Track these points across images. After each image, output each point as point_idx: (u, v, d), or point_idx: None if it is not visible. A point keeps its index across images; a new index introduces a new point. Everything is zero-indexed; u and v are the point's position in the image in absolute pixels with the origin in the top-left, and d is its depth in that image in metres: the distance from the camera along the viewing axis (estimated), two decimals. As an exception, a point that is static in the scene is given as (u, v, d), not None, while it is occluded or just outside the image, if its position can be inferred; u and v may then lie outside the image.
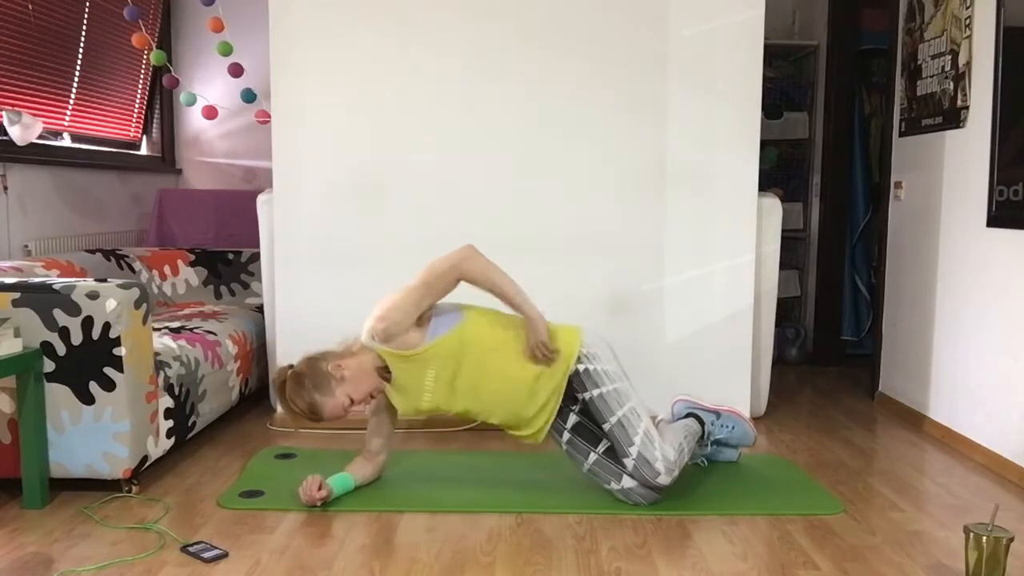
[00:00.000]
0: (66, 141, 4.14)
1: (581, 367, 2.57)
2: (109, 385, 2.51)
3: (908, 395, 3.74)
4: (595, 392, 2.56)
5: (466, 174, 3.43)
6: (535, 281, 3.44)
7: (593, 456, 2.60)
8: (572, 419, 2.65)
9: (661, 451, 2.54)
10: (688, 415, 2.94)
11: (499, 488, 2.74)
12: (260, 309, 3.84)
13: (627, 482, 2.56)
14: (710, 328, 3.48)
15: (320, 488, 2.53)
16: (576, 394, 2.61)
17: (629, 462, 2.53)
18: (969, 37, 3.22)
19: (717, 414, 2.97)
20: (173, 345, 2.97)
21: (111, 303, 2.49)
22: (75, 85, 4.12)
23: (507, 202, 3.43)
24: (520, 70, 3.39)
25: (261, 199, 3.57)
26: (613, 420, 2.54)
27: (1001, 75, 2.99)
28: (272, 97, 3.43)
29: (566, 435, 2.64)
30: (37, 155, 3.74)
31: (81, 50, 4.12)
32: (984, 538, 2.02)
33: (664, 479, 2.53)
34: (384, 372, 2.56)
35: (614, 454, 2.58)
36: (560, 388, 2.57)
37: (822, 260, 4.92)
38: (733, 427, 2.97)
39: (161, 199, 4.58)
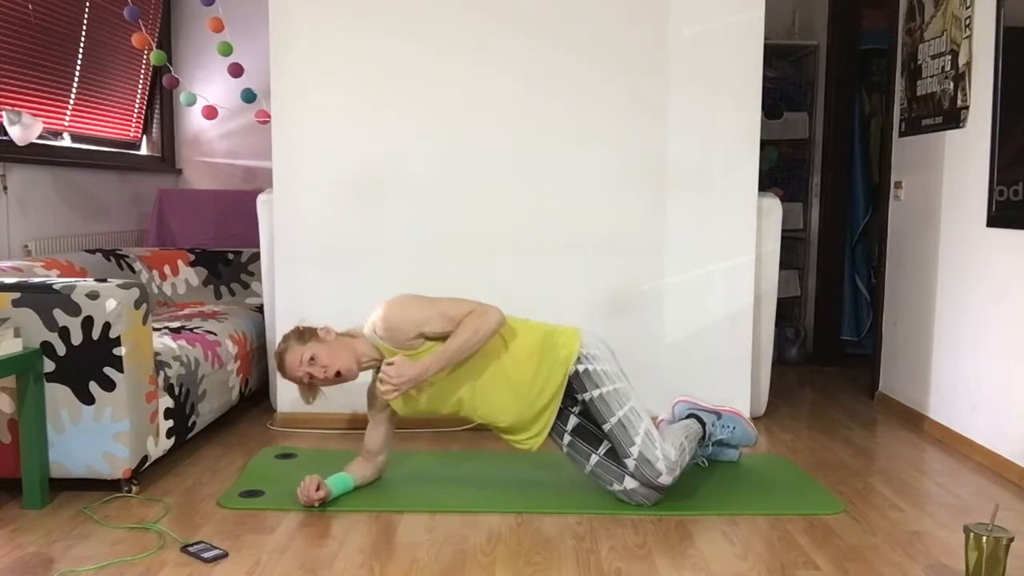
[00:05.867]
0: (66, 141, 4.14)
1: (581, 367, 2.57)
2: (109, 385, 2.51)
3: (908, 395, 3.74)
4: (595, 393, 2.56)
5: (466, 174, 3.43)
6: (535, 281, 3.46)
7: (594, 458, 2.60)
8: (572, 421, 2.65)
9: (662, 451, 2.53)
10: (689, 416, 2.94)
11: (499, 488, 2.74)
12: (260, 309, 3.84)
13: (629, 483, 2.56)
14: (710, 328, 3.48)
15: (318, 488, 2.53)
16: (576, 395, 2.60)
17: (630, 462, 2.53)
18: (969, 37, 3.22)
19: (718, 415, 2.97)
20: (173, 345, 2.96)
21: (111, 303, 2.49)
22: (75, 85, 4.12)
23: (507, 202, 3.43)
24: (520, 70, 3.38)
25: (261, 199, 3.57)
26: (613, 420, 2.54)
27: (1001, 75, 2.99)
28: (272, 97, 3.42)
29: (567, 437, 2.64)
30: (37, 155, 3.74)
31: (81, 50, 4.12)
32: (984, 538, 2.02)
33: (666, 479, 2.53)
34: (378, 370, 2.56)
35: (615, 455, 2.58)
36: (560, 390, 2.57)
37: (822, 260, 4.92)
38: (734, 428, 2.97)
39: (161, 199, 4.58)
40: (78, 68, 4.11)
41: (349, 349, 2.50)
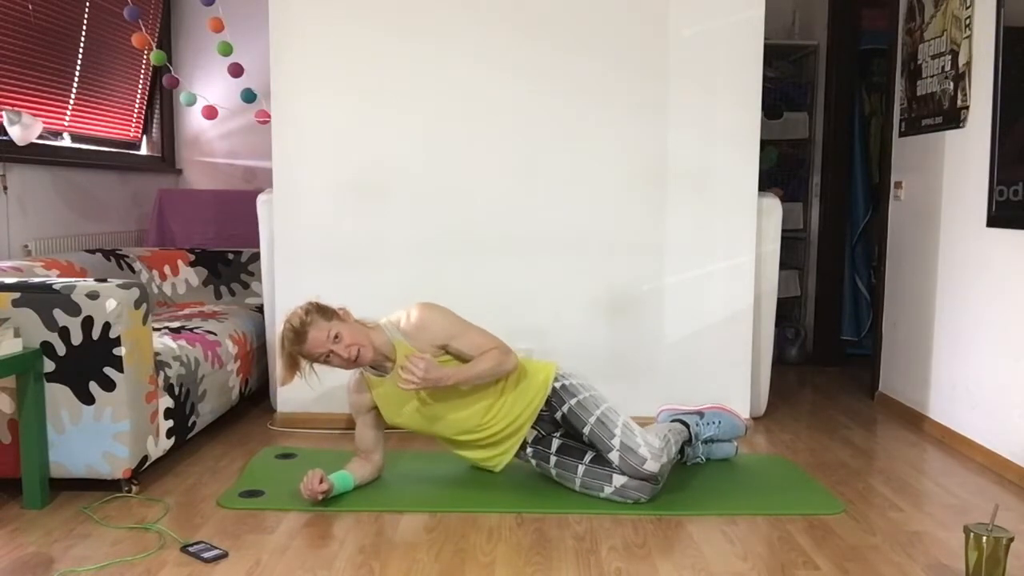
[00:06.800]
0: (66, 141, 4.14)
1: (558, 384, 2.66)
2: (109, 385, 2.51)
3: (908, 395, 3.74)
4: (572, 402, 2.63)
5: (466, 174, 3.43)
6: (536, 281, 3.45)
7: (581, 468, 2.63)
8: (556, 443, 2.71)
9: (643, 438, 2.58)
10: (672, 421, 2.96)
11: (499, 488, 2.74)
12: (260, 309, 3.84)
13: (618, 480, 2.57)
14: (710, 328, 3.48)
15: (321, 481, 2.54)
16: (555, 414, 2.67)
17: (614, 455, 2.55)
18: (969, 37, 3.22)
19: (700, 414, 2.99)
20: (173, 345, 2.96)
21: (111, 303, 2.49)
22: (75, 85, 4.12)
23: (507, 202, 3.43)
24: (520, 70, 3.38)
25: (261, 199, 3.57)
26: (592, 420, 2.59)
27: (1001, 75, 2.99)
28: (272, 97, 3.42)
29: (553, 459, 2.69)
30: (37, 155, 3.74)
31: (81, 50, 4.12)
32: (984, 538, 2.02)
33: (651, 465, 2.54)
34: (379, 366, 2.58)
35: (600, 459, 2.61)
36: (537, 411, 2.65)
37: (822, 260, 4.91)
38: (720, 422, 2.99)
39: (161, 199, 4.58)
40: (78, 68, 4.11)
41: (366, 335, 2.52)
